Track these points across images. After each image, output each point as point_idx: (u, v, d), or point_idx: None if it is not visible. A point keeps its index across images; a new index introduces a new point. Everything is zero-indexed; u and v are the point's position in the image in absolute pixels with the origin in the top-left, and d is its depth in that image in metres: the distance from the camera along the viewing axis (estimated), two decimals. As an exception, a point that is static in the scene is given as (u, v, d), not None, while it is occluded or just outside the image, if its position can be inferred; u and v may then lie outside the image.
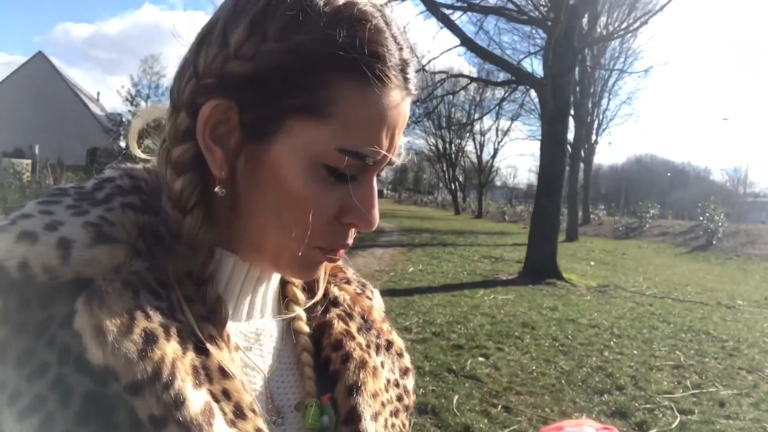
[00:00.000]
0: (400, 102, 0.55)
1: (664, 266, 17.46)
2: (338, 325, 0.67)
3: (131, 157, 0.63)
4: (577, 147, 28.62)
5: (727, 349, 6.93)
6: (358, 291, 0.73)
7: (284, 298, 0.68)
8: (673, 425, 4.44)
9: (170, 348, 0.48)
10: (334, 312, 0.68)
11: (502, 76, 21.97)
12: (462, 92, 33.85)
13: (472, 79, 19.72)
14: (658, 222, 31.14)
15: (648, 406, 4.83)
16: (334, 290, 0.71)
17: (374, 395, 0.63)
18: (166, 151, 0.56)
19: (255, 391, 0.58)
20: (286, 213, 0.55)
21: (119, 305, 0.47)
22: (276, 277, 0.65)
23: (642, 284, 12.46)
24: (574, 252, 18.88)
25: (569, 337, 6.98)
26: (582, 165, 31.81)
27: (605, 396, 5.01)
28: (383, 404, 0.64)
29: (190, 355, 0.50)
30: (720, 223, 22.00)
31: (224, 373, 0.52)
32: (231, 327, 0.57)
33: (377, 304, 0.75)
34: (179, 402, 0.47)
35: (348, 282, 0.73)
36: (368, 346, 0.68)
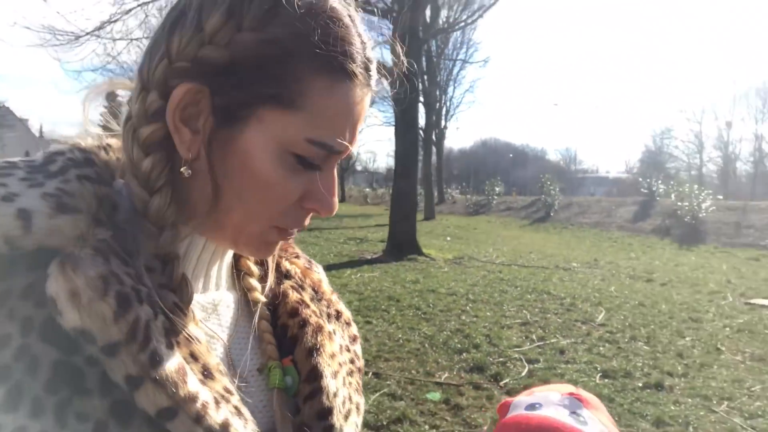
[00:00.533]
0: (363, 98, 0.57)
1: (511, 237, 19.06)
2: (293, 295, 0.70)
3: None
4: (429, 132, 29.96)
5: (565, 305, 7.79)
6: (307, 266, 0.76)
7: (238, 272, 0.69)
8: (523, 374, 4.93)
9: (143, 311, 0.49)
10: (287, 283, 0.71)
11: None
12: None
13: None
14: (504, 198, 33.80)
15: (501, 359, 5.31)
16: (286, 264, 0.73)
17: (332, 356, 0.67)
18: (132, 129, 0.56)
19: (217, 358, 0.59)
20: (252, 196, 0.56)
21: (93, 269, 0.48)
22: (230, 252, 0.66)
23: (492, 254, 13.51)
24: (431, 229, 19.90)
25: (430, 305, 7.42)
26: (434, 149, 33.44)
27: (464, 354, 5.42)
28: (340, 364, 0.67)
29: (161, 318, 0.51)
30: (556, 197, 24.45)
31: (189, 339, 0.53)
32: None
33: (323, 277, 0.78)
34: (155, 361, 0.48)
35: (297, 257, 0.76)
36: (321, 314, 0.70)
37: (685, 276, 11.18)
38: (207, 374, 0.53)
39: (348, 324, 0.75)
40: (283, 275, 0.72)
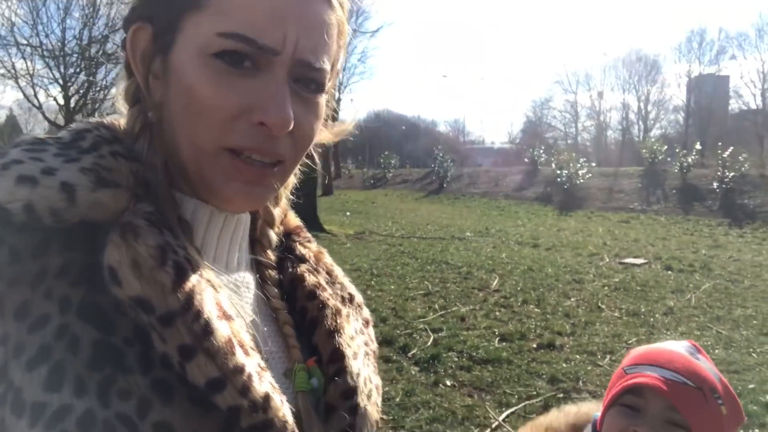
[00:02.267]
0: None
1: (408, 210, 19.57)
2: (310, 278, 0.68)
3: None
4: (325, 104, 29.59)
5: (463, 274, 8.19)
6: (319, 250, 0.74)
7: (253, 246, 0.68)
8: (428, 343, 5.15)
9: (196, 281, 0.50)
10: (303, 267, 0.70)
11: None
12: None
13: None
14: (399, 171, 34.48)
15: (408, 331, 5.50)
16: (300, 248, 0.72)
17: (351, 338, 0.66)
18: (123, 92, 0.57)
19: (248, 336, 0.57)
20: (190, 116, 0.52)
21: (152, 239, 0.49)
22: (242, 227, 0.63)
23: (391, 228, 13.83)
24: (331, 205, 19.92)
25: (335, 282, 7.48)
26: (330, 122, 33.20)
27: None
28: (358, 346, 0.67)
29: (210, 289, 0.51)
30: (448, 169, 25.34)
31: (228, 314, 0.52)
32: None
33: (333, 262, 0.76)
34: (208, 332, 0.48)
35: (309, 241, 0.75)
36: (336, 297, 0.69)
37: (567, 240, 12.13)
38: (243, 351, 0.52)
39: (360, 308, 0.73)
40: (298, 259, 0.70)
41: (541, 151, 24.13)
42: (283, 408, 0.53)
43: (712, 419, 0.94)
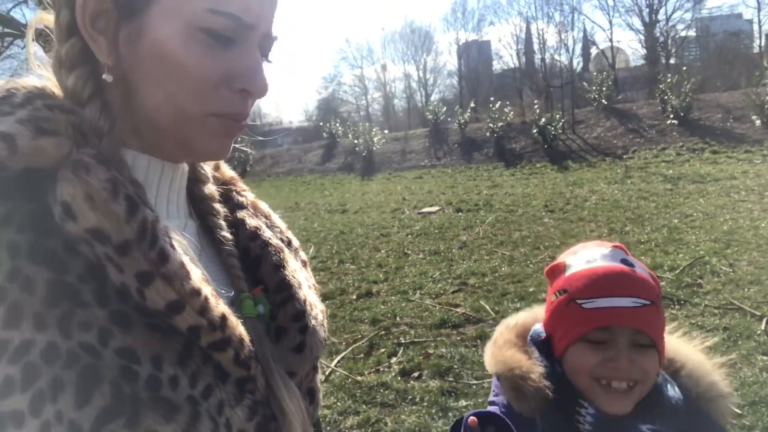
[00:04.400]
0: None
1: (213, 199, 18.84)
2: (250, 221, 0.71)
3: None
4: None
5: (278, 248, 8.27)
6: (255, 199, 0.77)
7: (194, 200, 0.69)
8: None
9: (147, 213, 0.51)
10: (242, 212, 0.72)
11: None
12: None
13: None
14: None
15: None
16: (236, 196, 0.74)
17: (295, 270, 0.69)
18: (55, 54, 0.56)
19: (199, 270, 0.58)
20: (172, 83, 0.55)
21: (103, 174, 0.50)
22: (183, 177, 0.65)
23: (199, 218, 13.26)
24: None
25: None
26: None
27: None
28: (303, 278, 0.70)
29: (159, 221, 0.53)
30: (250, 153, 24.83)
31: (174, 246, 0.54)
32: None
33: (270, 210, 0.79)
34: (163, 258, 0.50)
35: (245, 190, 0.77)
36: (276, 238, 0.72)
37: (371, 202, 12.86)
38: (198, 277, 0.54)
39: (297, 250, 0.76)
40: (236, 206, 0.73)
41: (338, 125, 24.91)
42: (239, 327, 0.56)
43: (662, 321, 0.97)
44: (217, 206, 0.70)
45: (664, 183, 11.01)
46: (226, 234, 0.68)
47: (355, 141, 21.55)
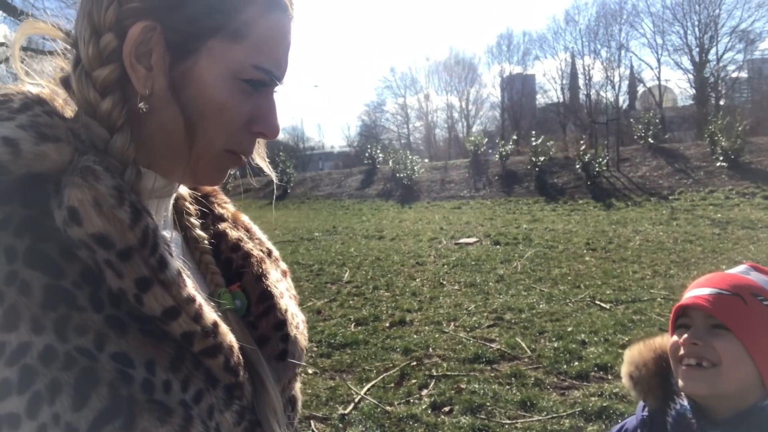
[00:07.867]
0: (290, 26, 0.63)
1: (254, 219, 19.04)
2: (232, 233, 0.74)
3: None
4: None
5: (315, 271, 8.34)
6: (236, 211, 0.79)
7: (177, 213, 0.71)
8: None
9: (150, 221, 0.53)
10: (223, 225, 0.75)
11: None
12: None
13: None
14: (239, 181, 33.47)
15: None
16: (218, 208, 0.77)
17: (277, 280, 0.72)
18: (84, 73, 0.57)
19: (188, 278, 0.60)
20: (211, 122, 0.59)
21: (110, 181, 0.51)
22: (173, 193, 0.68)
23: (238, 237, 13.47)
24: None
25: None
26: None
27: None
28: (284, 289, 0.73)
29: (159, 230, 0.54)
30: (291, 175, 25.32)
31: (172, 254, 0.56)
32: None
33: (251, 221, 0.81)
34: (163, 265, 0.52)
35: (226, 202, 0.80)
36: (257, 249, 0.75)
37: (408, 229, 12.84)
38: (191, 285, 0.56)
39: (278, 261, 0.78)
40: (217, 218, 0.76)
41: (378, 151, 25.13)
42: (229, 334, 0.58)
43: (754, 317, 1.02)
44: (194, 220, 0.73)
45: (712, 227, 10.66)
46: (201, 233, 0.71)
47: (396, 167, 21.66)
